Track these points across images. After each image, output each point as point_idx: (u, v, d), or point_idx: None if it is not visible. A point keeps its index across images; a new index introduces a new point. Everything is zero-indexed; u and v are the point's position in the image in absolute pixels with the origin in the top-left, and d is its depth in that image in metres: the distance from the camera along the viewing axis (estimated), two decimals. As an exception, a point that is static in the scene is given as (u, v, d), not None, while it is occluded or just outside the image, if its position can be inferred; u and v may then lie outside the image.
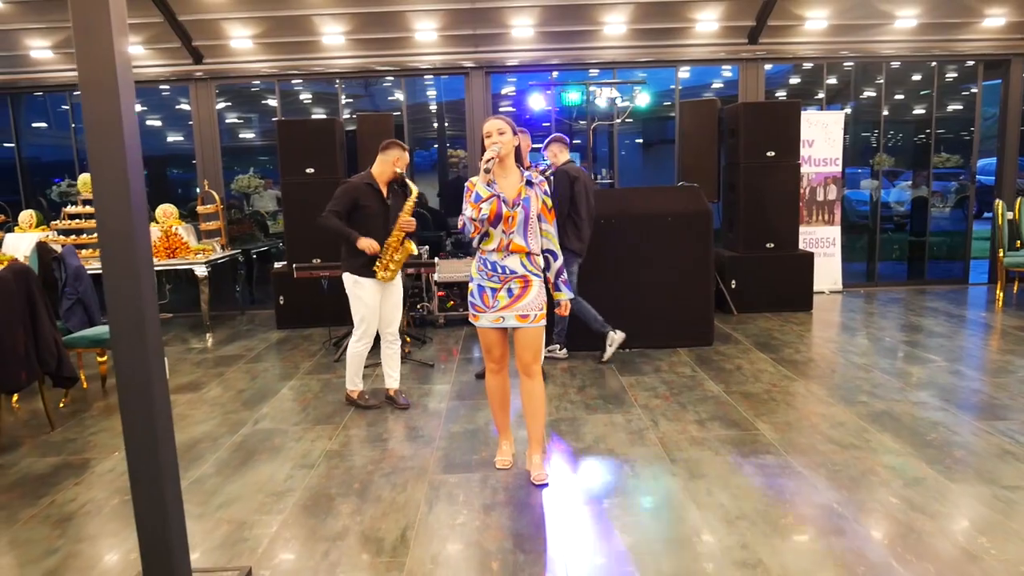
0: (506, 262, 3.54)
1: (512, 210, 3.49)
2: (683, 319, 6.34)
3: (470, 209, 3.44)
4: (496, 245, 3.53)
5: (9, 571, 3.03)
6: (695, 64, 9.07)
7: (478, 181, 3.48)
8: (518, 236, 3.52)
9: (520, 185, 3.54)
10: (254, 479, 3.87)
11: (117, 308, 2.56)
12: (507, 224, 3.49)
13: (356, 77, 9.09)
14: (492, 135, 3.49)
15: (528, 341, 3.59)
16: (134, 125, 2.57)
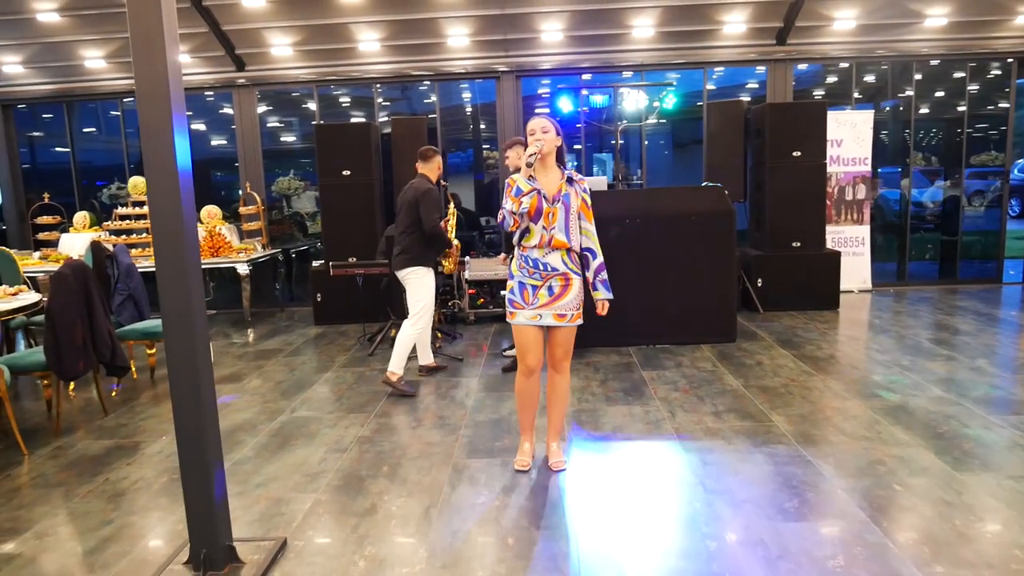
0: (548, 259, 3.58)
1: (552, 206, 3.54)
2: (706, 316, 6.46)
3: (510, 203, 3.48)
4: (538, 241, 3.56)
5: (70, 539, 3.34)
6: (723, 66, 9.16)
7: (519, 176, 3.54)
8: (559, 232, 3.56)
9: (561, 182, 3.60)
10: (290, 461, 4.14)
11: (169, 302, 2.84)
12: (548, 220, 3.54)
13: (391, 82, 9.37)
14: (536, 133, 3.55)
15: (562, 339, 3.69)
16: (185, 132, 2.85)
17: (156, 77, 2.71)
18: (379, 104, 9.49)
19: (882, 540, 2.98)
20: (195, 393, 2.88)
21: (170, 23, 2.75)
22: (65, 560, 3.14)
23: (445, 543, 3.11)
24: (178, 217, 2.79)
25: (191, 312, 2.84)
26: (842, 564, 2.82)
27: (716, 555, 2.92)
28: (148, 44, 2.71)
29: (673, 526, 3.19)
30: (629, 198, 6.88)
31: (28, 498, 3.79)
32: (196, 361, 2.88)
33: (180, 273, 2.83)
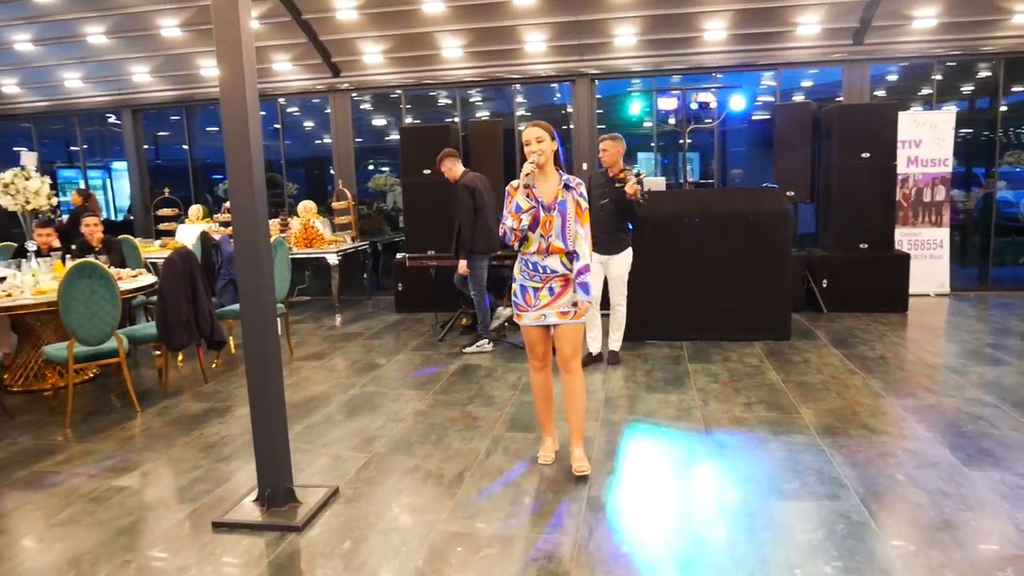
0: (546, 262, 3.68)
1: (549, 214, 3.62)
2: (761, 314, 6.64)
3: (511, 219, 3.58)
4: (536, 248, 3.67)
5: (167, 477, 4.02)
6: (797, 66, 9.19)
7: (519, 191, 3.61)
8: (556, 239, 3.65)
9: (558, 189, 3.67)
10: (353, 427, 4.72)
11: (246, 281, 3.43)
12: (545, 228, 3.63)
13: (472, 86, 9.92)
14: (531, 143, 3.61)
15: (568, 337, 3.75)
16: (259, 140, 3.43)
17: (237, 91, 3.30)
18: (475, 104, 10.03)
19: (866, 520, 3.22)
20: (264, 362, 3.47)
21: (247, 42, 3.32)
22: (163, 493, 3.82)
23: (470, 499, 3.58)
24: (252, 211, 3.37)
25: (261, 291, 3.42)
26: (819, 538, 3.09)
27: (701, 520, 3.25)
28: (230, 62, 3.30)
29: (673, 495, 3.53)
30: (687, 198, 7.12)
31: (138, 445, 4.53)
32: (265, 334, 3.46)
33: (255, 260, 3.41)
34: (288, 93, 10.33)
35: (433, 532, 3.26)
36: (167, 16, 9.03)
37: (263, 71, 10.01)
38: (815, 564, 2.88)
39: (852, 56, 8.71)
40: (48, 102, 10.92)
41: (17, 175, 5.89)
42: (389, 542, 3.19)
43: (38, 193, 5.89)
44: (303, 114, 12.33)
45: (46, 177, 6.12)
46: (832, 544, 3.03)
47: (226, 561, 3.08)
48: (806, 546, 3.02)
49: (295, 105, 11.64)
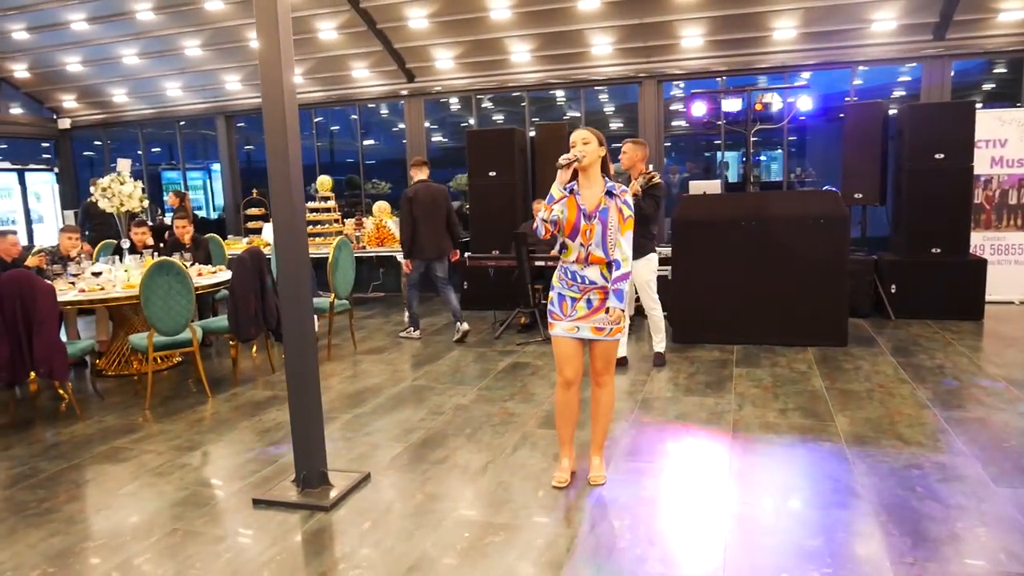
0: (586, 272, 3.59)
1: (590, 222, 3.53)
2: (816, 320, 6.54)
3: (543, 210, 3.54)
4: (575, 257, 3.59)
5: (223, 457, 4.43)
6: (872, 64, 8.91)
7: (555, 183, 3.55)
8: (596, 248, 3.56)
9: (601, 196, 3.58)
10: (396, 418, 5.02)
11: (285, 281, 3.76)
12: (585, 237, 3.54)
13: (540, 89, 10.11)
14: (576, 144, 3.56)
15: (601, 352, 3.69)
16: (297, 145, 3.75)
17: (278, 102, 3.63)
18: (559, 106, 10.23)
19: (870, 530, 3.23)
20: (301, 359, 3.79)
21: (287, 54, 3.64)
22: (217, 471, 4.23)
23: (490, 489, 3.79)
24: (291, 210, 3.70)
25: (300, 292, 3.74)
26: (817, 544, 3.13)
27: (702, 521, 3.34)
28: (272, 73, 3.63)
29: (682, 497, 3.63)
30: (742, 200, 7.07)
31: (204, 427, 4.99)
32: (303, 333, 3.79)
33: (294, 257, 3.74)
34: (366, 98, 10.83)
35: (447, 518, 3.50)
36: (254, 28, 9.64)
37: (343, 78, 10.55)
38: (804, 569, 2.93)
39: (932, 52, 8.37)
40: (153, 110, 11.86)
41: (113, 180, 6.53)
42: (404, 525, 3.44)
43: (131, 196, 6.51)
44: (395, 115, 12.83)
45: (139, 182, 6.73)
46: (829, 551, 3.06)
47: (259, 533, 3.41)
48: (800, 552, 3.07)
49: (387, 107, 12.16)
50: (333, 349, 7.16)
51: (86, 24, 9.90)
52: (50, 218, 11.75)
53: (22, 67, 11.42)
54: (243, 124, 12.33)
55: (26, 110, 12.43)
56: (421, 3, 8.79)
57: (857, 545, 3.11)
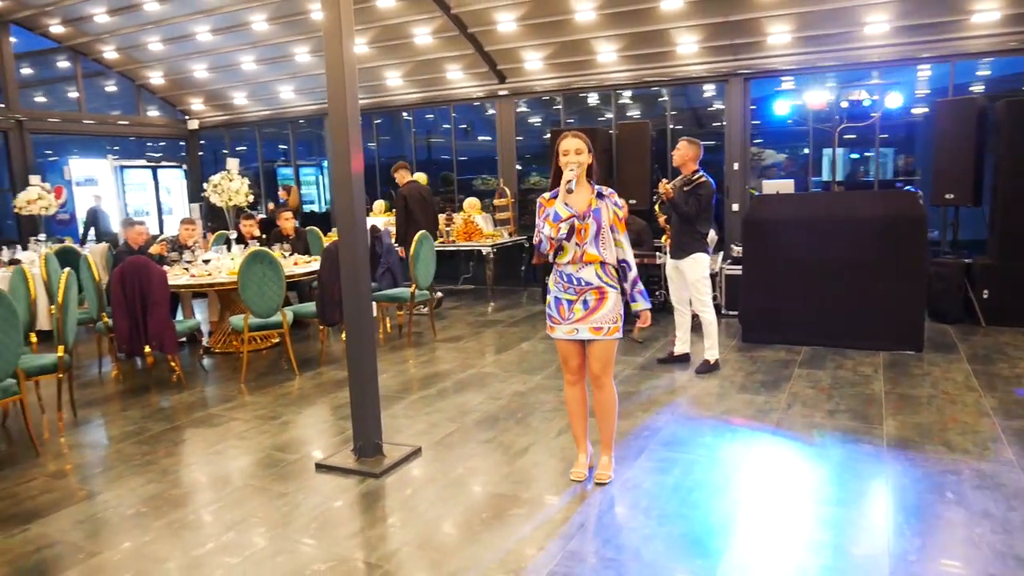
0: (581, 274, 3.64)
1: (583, 222, 3.60)
2: (891, 324, 6.39)
3: (548, 228, 3.59)
4: (571, 258, 3.64)
5: (299, 427, 4.96)
6: (973, 58, 8.48)
7: (557, 201, 3.61)
8: (591, 247, 3.63)
9: (591, 198, 3.66)
10: (456, 401, 5.40)
11: (346, 271, 4.20)
12: (580, 236, 3.61)
13: (627, 88, 10.24)
14: (570, 153, 3.61)
15: (598, 353, 3.72)
16: (359, 148, 4.16)
17: (343, 105, 4.06)
18: (660, 103, 10.40)
19: (884, 531, 3.29)
20: (360, 342, 4.22)
21: (350, 63, 4.06)
22: (290, 439, 4.75)
23: (524, 469, 4.09)
24: (351, 208, 4.12)
25: (359, 282, 4.17)
26: (824, 539, 3.23)
27: (717, 512, 3.51)
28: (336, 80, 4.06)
29: (705, 489, 3.79)
30: (816, 200, 6.99)
31: (288, 401, 5.55)
32: (362, 319, 4.21)
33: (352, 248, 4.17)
34: (460, 99, 11.30)
35: (479, 491, 3.83)
36: (358, 35, 10.32)
37: (438, 80, 11.07)
38: (801, 559, 3.06)
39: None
40: (269, 111, 12.85)
41: (223, 177, 7.26)
42: (440, 494, 3.80)
43: (238, 192, 7.22)
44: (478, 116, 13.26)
45: (245, 179, 7.46)
46: (833, 547, 3.16)
47: (314, 493, 3.86)
48: (803, 543, 3.19)
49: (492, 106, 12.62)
50: (413, 336, 7.64)
51: (210, 35, 10.89)
52: (179, 210, 12.96)
53: (158, 75, 12.68)
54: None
55: (161, 113, 13.77)
56: (510, 7, 9.13)
57: (864, 543, 3.19)
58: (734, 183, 9.47)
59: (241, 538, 3.39)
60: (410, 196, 8.76)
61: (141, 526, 3.54)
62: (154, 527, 3.53)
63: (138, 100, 13.29)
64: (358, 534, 3.41)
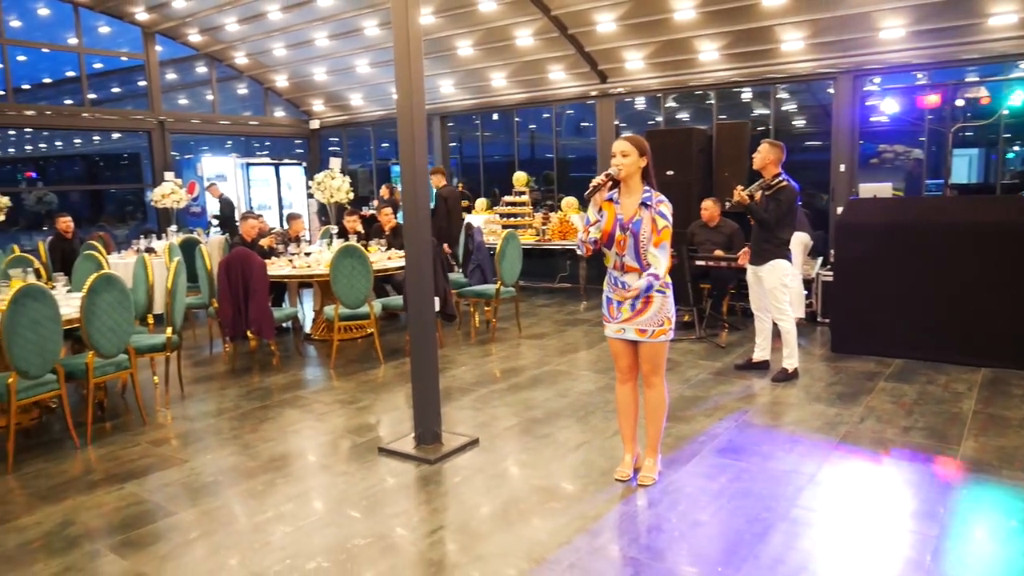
0: (625, 278, 3.73)
1: (623, 233, 3.65)
2: (998, 339, 5.96)
3: (582, 231, 3.79)
4: (613, 264, 3.77)
5: (372, 414, 5.27)
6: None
7: (591, 203, 3.72)
8: (630, 258, 3.67)
9: (637, 206, 3.65)
10: (523, 397, 5.56)
11: (411, 267, 4.45)
12: (619, 247, 3.68)
13: (731, 86, 10.01)
14: (616, 155, 3.66)
15: (646, 354, 3.79)
16: (424, 144, 4.40)
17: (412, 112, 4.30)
18: (780, 99, 10.13)
19: (918, 551, 3.17)
20: (423, 338, 4.46)
21: (416, 67, 4.29)
22: (362, 423, 5.08)
23: (572, 466, 4.20)
24: (416, 209, 4.37)
25: (422, 270, 4.41)
26: (859, 558, 3.15)
27: (756, 514, 3.48)
28: (406, 82, 4.30)
29: (748, 490, 3.76)
30: (918, 205, 6.62)
31: (369, 388, 5.91)
32: (425, 315, 4.45)
33: (419, 246, 4.41)
34: (562, 99, 11.43)
35: (525, 483, 3.98)
36: (463, 38, 10.68)
37: (540, 80, 11.24)
38: (815, 571, 3.01)
39: None
40: (383, 111, 13.47)
41: (326, 175, 7.75)
42: (486, 483, 3.98)
43: (339, 189, 7.69)
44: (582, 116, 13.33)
45: (347, 177, 7.92)
46: (865, 567, 3.08)
47: (371, 473, 4.14)
48: (826, 556, 3.13)
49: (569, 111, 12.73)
50: (498, 333, 7.86)
51: (328, 40, 11.58)
52: (298, 206, 13.85)
53: (283, 78, 13.60)
54: (452, 124, 13.55)
55: (286, 113, 14.75)
56: (609, 8, 9.16)
57: (892, 560, 3.09)
58: (840, 185, 9.07)
59: (298, 509, 3.71)
60: (450, 197, 9.60)
61: (215, 493, 3.94)
62: (226, 494, 3.92)
63: (265, 102, 14.31)
64: (402, 514, 3.65)
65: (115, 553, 3.32)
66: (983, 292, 5.99)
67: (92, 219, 15.77)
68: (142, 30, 12.46)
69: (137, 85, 13.22)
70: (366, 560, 3.20)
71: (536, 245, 10.37)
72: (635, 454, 4.05)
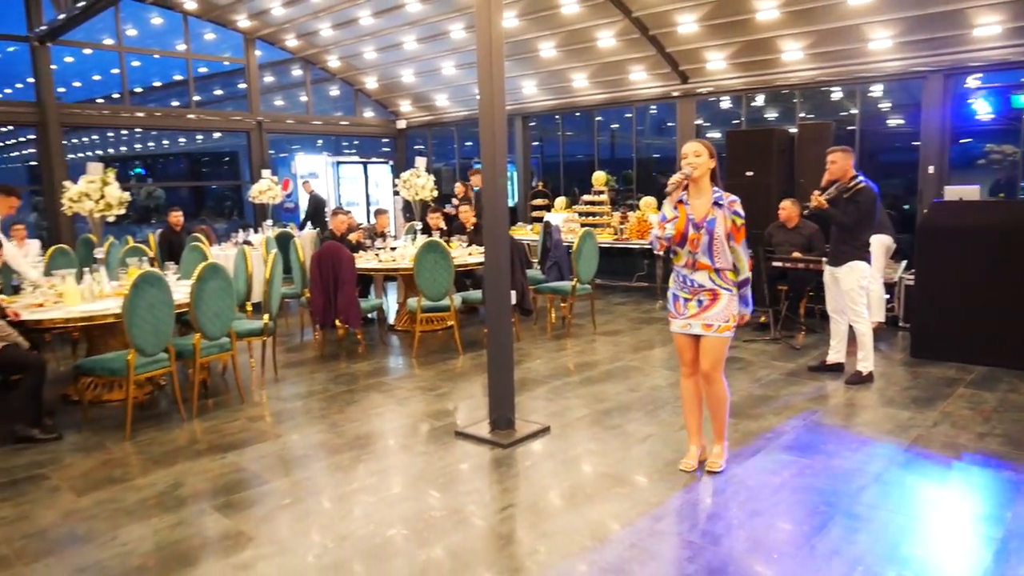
0: (694, 276, 3.87)
1: (697, 232, 3.77)
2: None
3: (656, 228, 3.88)
4: (684, 262, 3.88)
5: (450, 400, 5.56)
6: None
7: (666, 202, 3.85)
8: (703, 256, 3.80)
9: (709, 206, 3.81)
10: (595, 390, 5.74)
11: (489, 265, 4.71)
12: (692, 245, 3.80)
13: (815, 86, 9.86)
14: (688, 156, 3.80)
15: (707, 349, 3.91)
16: (503, 150, 4.63)
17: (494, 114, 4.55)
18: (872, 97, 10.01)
19: (979, 553, 3.19)
20: (498, 330, 4.71)
21: (497, 69, 4.53)
22: (440, 408, 5.38)
23: (639, 456, 4.37)
24: (494, 206, 4.62)
25: (499, 265, 4.66)
26: (911, 552, 3.21)
27: (813, 509, 3.56)
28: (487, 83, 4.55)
29: (807, 487, 3.84)
30: (1004, 208, 6.42)
31: (447, 376, 6.22)
32: (501, 303, 4.70)
33: (497, 243, 4.66)
34: (643, 99, 11.50)
35: (592, 470, 4.18)
36: (546, 40, 10.90)
37: (620, 81, 11.35)
38: (877, 569, 3.08)
39: None
40: (466, 112, 13.84)
41: (412, 174, 8.12)
42: (555, 468, 4.19)
43: (424, 187, 8.03)
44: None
45: (431, 175, 8.27)
46: (916, 557, 3.14)
47: (447, 454, 4.42)
48: (886, 555, 3.19)
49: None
50: (573, 328, 8.05)
51: (416, 44, 12.02)
52: (385, 203, 14.40)
53: (373, 79, 14.17)
54: (533, 124, 13.78)
55: (375, 114, 15.35)
56: (691, 9, 9.19)
57: (949, 560, 3.13)
58: (928, 187, 8.82)
59: (379, 483, 4.02)
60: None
61: (305, 465, 4.31)
62: (315, 467, 4.28)
63: (356, 103, 14.94)
64: (474, 492, 3.91)
65: (218, 512, 3.71)
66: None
67: (194, 214, 16.81)
68: (243, 36, 13.24)
69: (237, 88, 14.04)
70: (440, 531, 3.47)
71: (614, 244, 10.48)
72: (700, 446, 4.18)
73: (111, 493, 3.97)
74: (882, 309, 7.45)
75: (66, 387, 5.74)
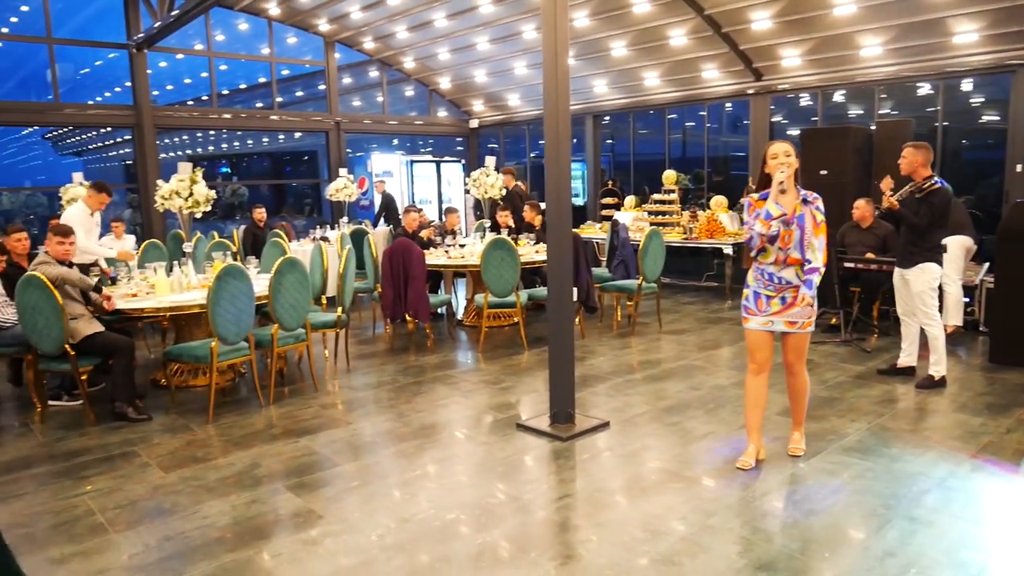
0: (783, 273, 3.95)
1: (788, 228, 3.88)
2: None
3: (759, 225, 3.87)
4: (773, 259, 3.95)
5: (513, 394, 5.71)
6: None
7: (769, 200, 3.87)
8: (795, 251, 3.91)
9: (796, 203, 3.91)
10: (656, 387, 5.78)
11: (552, 262, 4.83)
12: (784, 241, 3.90)
13: (896, 83, 9.55)
14: (779, 156, 3.89)
15: (793, 344, 4.07)
16: (567, 149, 4.74)
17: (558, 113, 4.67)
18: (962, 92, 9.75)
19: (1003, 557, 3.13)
20: (559, 328, 4.83)
21: (562, 68, 4.64)
22: (503, 401, 5.53)
23: (696, 454, 4.41)
24: (558, 203, 4.73)
25: (562, 263, 4.78)
26: (963, 558, 3.16)
27: (866, 511, 3.54)
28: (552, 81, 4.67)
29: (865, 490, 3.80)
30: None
31: (512, 371, 6.37)
32: (563, 300, 4.82)
33: (560, 241, 4.78)
34: (715, 97, 11.38)
35: (649, 465, 4.25)
36: (617, 39, 10.92)
37: (693, 79, 11.27)
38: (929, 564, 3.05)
39: None
40: (537, 111, 13.95)
41: (481, 173, 8.30)
42: (612, 463, 4.28)
43: (492, 186, 8.21)
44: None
45: (498, 174, 8.44)
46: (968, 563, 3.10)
47: (508, 445, 4.57)
48: (933, 561, 3.16)
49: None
50: (639, 327, 8.08)
51: (488, 45, 12.23)
52: (456, 201, 14.66)
53: (446, 80, 14.47)
54: (605, 122, 13.80)
55: (448, 113, 15.66)
56: (764, 5, 9.06)
57: (1010, 567, 3.07)
58: (1015, 187, 8.45)
59: (443, 470, 4.20)
60: (514, 196, 9.90)
61: (373, 451, 4.54)
62: (383, 453, 4.50)
63: (430, 103, 15.28)
64: (533, 482, 4.04)
65: (292, 492, 3.96)
66: None
67: (275, 211, 17.53)
68: (323, 39, 13.73)
69: (317, 89, 14.56)
70: (499, 516, 3.62)
71: (683, 243, 10.43)
72: (759, 445, 4.22)
73: (194, 471, 4.28)
74: (960, 313, 7.20)
75: (156, 373, 6.17)
